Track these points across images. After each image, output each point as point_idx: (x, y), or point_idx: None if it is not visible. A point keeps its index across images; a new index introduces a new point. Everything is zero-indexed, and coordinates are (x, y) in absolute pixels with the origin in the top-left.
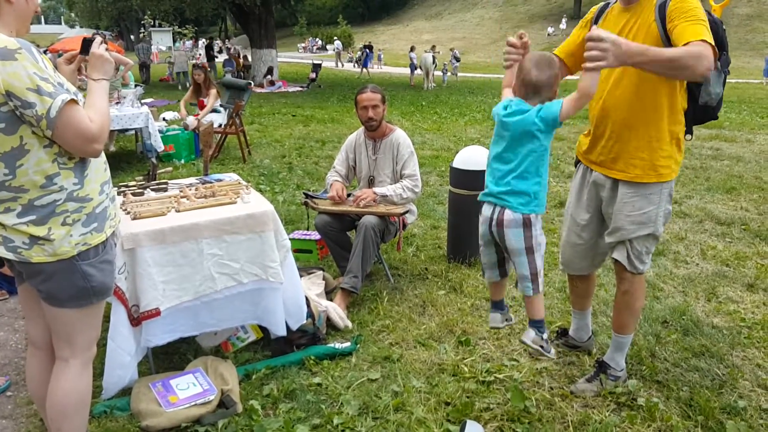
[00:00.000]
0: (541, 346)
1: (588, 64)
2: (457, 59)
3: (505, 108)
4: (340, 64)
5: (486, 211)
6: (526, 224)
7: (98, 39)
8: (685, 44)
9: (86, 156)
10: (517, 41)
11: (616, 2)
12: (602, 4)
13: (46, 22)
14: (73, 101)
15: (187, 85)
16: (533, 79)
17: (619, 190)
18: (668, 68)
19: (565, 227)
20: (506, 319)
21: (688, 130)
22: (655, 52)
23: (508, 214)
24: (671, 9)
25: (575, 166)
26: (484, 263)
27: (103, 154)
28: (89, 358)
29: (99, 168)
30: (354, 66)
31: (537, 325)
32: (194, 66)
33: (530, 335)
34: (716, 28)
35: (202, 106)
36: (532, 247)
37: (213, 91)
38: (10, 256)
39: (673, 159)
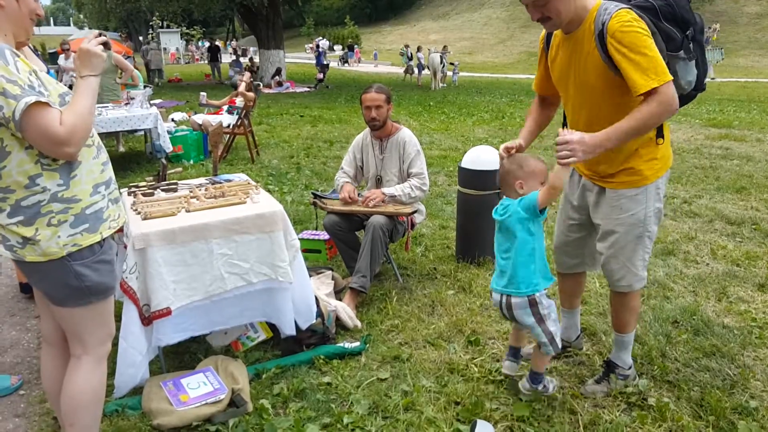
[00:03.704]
0: (534, 391)
1: (561, 161)
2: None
3: (497, 211)
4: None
5: (495, 296)
6: (532, 303)
7: (92, 33)
8: (636, 95)
9: (60, 158)
10: (506, 154)
11: None
12: None
13: (55, 24)
14: (40, 103)
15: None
16: (500, 174)
17: (606, 194)
18: (637, 135)
19: (557, 225)
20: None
21: (659, 134)
22: (617, 133)
23: (515, 300)
24: (611, 48)
25: None
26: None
27: (104, 155)
28: (102, 355)
29: (93, 169)
30: (338, 64)
31: (534, 376)
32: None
33: (525, 385)
34: (671, 10)
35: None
36: (542, 317)
37: (250, 93)
38: (8, 254)
39: (655, 159)
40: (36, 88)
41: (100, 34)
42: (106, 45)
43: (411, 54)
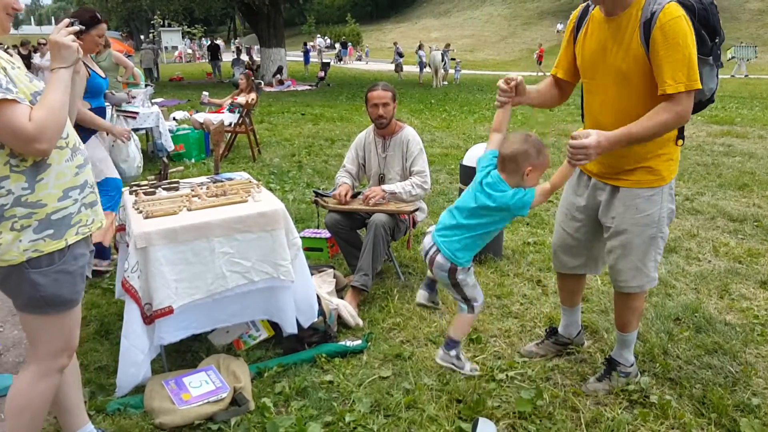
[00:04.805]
0: (453, 363)
1: (572, 162)
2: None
3: (484, 179)
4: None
5: (426, 241)
6: (452, 270)
7: (63, 22)
8: (660, 93)
9: (32, 156)
10: (506, 86)
11: (596, 7)
12: (583, 6)
13: (56, 23)
14: (6, 101)
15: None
16: (502, 153)
17: (620, 194)
18: (643, 142)
19: (558, 226)
20: (432, 302)
21: (680, 135)
22: (633, 134)
23: (439, 258)
24: (655, 37)
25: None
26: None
27: (79, 158)
28: (52, 369)
29: (65, 172)
30: (333, 62)
31: (448, 342)
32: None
33: (439, 354)
34: (706, 15)
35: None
36: (458, 283)
37: (252, 94)
38: None
39: (671, 159)
40: (4, 85)
41: (71, 23)
42: (78, 34)
43: (401, 51)
